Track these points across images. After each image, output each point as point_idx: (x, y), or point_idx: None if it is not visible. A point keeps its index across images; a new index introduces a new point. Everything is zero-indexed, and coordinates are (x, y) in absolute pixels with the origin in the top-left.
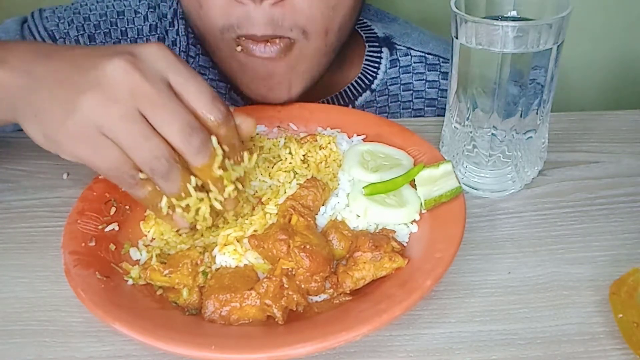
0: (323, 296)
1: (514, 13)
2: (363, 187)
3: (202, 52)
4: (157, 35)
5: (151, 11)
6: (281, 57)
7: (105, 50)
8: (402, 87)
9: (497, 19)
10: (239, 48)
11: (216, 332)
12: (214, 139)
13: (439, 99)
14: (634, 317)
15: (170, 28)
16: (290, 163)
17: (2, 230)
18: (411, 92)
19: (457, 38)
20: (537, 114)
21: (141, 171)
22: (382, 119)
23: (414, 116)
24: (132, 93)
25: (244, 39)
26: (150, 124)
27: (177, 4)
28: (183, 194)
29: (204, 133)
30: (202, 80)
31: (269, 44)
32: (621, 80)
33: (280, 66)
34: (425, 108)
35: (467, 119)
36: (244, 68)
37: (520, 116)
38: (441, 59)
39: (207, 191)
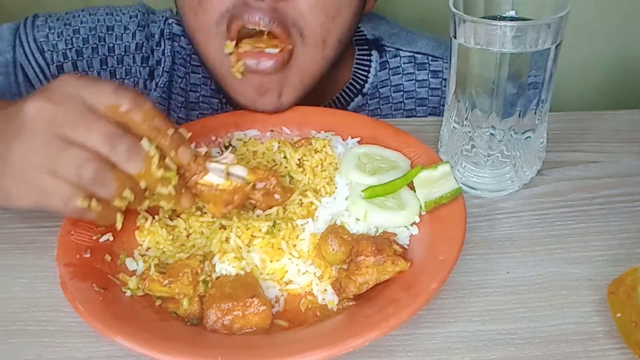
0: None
1: (512, 13)
2: (362, 191)
3: (192, 70)
4: (142, 54)
5: (140, 30)
6: (276, 70)
7: (27, 96)
8: (392, 88)
9: (496, 19)
10: (230, 42)
11: (221, 342)
12: (144, 141)
13: (429, 98)
14: (632, 317)
15: (157, 48)
16: (285, 167)
17: (1, 230)
18: (402, 93)
19: (455, 38)
20: (535, 113)
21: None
22: (377, 120)
23: (406, 117)
24: (49, 122)
25: (238, 53)
26: (72, 141)
27: (164, 24)
28: (127, 195)
29: (129, 138)
30: (103, 82)
31: (264, 58)
32: (620, 80)
33: (272, 78)
34: (417, 108)
35: (466, 118)
36: (229, 76)
37: (519, 116)
38: (430, 57)
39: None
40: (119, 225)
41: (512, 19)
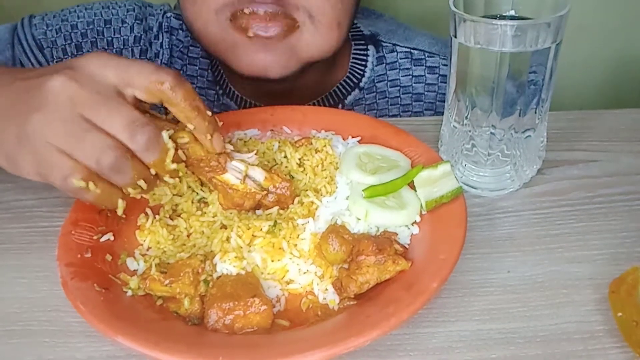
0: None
1: (512, 12)
2: (363, 190)
3: (189, 62)
4: (140, 47)
5: (138, 23)
6: (280, 38)
7: (50, 68)
8: (389, 83)
9: (496, 18)
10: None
11: (222, 342)
12: (164, 133)
13: (425, 93)
14: (633, 316)
15: (155, 41)
16: (286, 167)
17: (2, 230)
18: (398, 88)
19: (455, 37)
20: (535, 112)
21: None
22: (377, 120)
23: (402, 112)
24: (72, 101)
25: (241, 13)
26: (94, 124)
27: (162, 17)
28: (141, 184)
29: (151, 128)
30: (142, 61)
31: (270, 22)
32: (620, 79)
33: (277, 47)
34: (413, 103)
35: (466, 118)
36: (233, 47)
37: (519, 115)
38: (426, 54)
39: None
40: (120, 211)
41: (512, 18)
